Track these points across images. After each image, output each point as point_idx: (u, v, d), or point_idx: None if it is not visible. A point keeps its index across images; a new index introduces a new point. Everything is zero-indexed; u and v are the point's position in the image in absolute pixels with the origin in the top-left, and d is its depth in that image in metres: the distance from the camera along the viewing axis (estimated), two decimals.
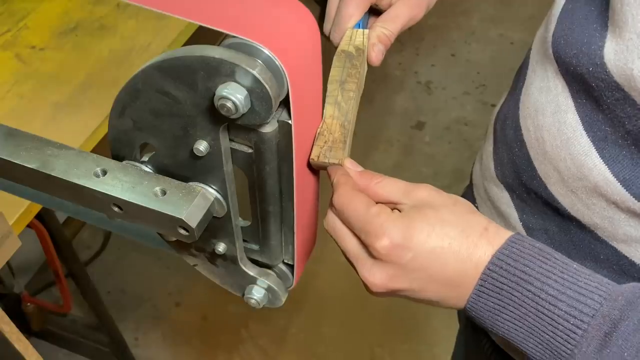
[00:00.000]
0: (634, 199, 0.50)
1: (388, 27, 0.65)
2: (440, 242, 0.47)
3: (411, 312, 1.90)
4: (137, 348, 1.83)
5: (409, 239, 0.47)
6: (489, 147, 0.68)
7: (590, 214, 0.55)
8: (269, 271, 0.61)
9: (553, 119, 0.55)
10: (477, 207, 0.71)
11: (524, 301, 0.46)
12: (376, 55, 0.64)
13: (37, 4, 1.27)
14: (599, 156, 0.52)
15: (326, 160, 0.53)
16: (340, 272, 1.97)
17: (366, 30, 0.63)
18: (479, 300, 0.48)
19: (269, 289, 0.60)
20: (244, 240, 0.59)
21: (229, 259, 0.60)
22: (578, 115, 0.53)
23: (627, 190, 0.51)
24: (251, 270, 0.60)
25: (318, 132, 0.54)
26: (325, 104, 0.56)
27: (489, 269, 0.47)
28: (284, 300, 0.61)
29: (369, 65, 0.66)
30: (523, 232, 0.62)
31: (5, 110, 1.07)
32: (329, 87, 0.57)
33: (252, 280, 0.60)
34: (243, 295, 0.61)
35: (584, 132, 0.52)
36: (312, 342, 1.87)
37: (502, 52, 2.64)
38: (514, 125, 0.61)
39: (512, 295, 0.46)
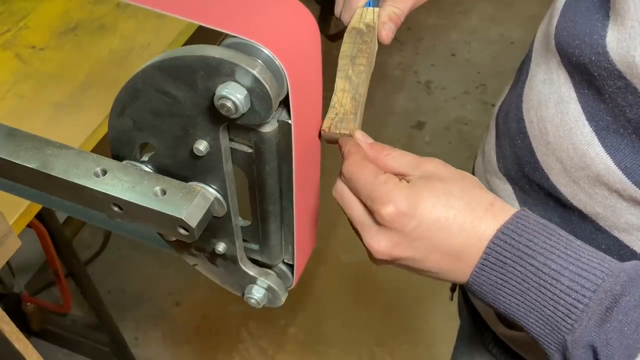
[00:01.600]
0: (635, 187, 0.51)
1: (398, 5, 0.66)
2: (445, 212, 0.48)
3: (411, 312, 1.90)
4: (137, 348, 1.83)
5: (414, 207, 0.48)
6: (491, 140, 0.69)
7: (592, 204, 0.55)
8: (269, 271, 0.61)
9: (556, 109, 0.56)
10: None
11: (526, 275, 0.46)
12: (387, 34, 0.65)
13: (37, 4, 1.27)
14: (601, 145, 0.52)
15: (337, 131, 0.54)
16: (340, 272, 1.97)
17: (376, 9, 0.64)
18: (482, 274, 0.48)
19: (269, 289, 0.60)
20: (244, 240, 0.59)
21: (229, 259, 0.60)
22: (580, 106, 0.54)
23: (628, 179, 0.51)
24: (251, 270, 0.60)
25: (330, 105, 0.55)
26: (337, 78, 0.57)
27: (493, 242, 0.47)
28: (284, 300, 0.61)
29: (378, 46, 0.67)
30: None
31: (5, 110, 1.07)
32: (340, 62, 0.59)
33: (252, 280, 0.60)
34: (243, 295, 0.61)
35: (586, 122, 0.53)
36: (312, 342, 1.87)
37: (502, 51, 2.64)
38: (516, 118, 0.62)
39: (515, 269, 0.47)
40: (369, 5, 0.65)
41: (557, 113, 0.56)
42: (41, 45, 1.19)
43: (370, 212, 0.50)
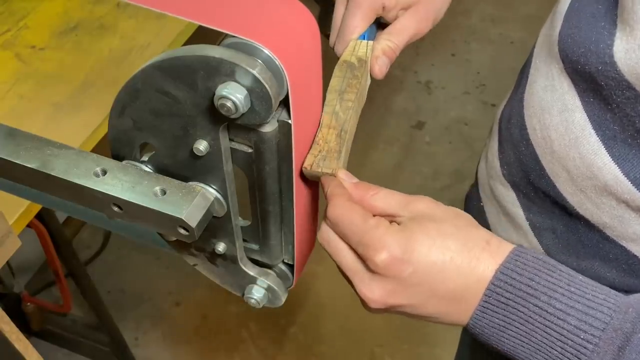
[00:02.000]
0: None
1: (393, 39, 0.64)
2: (441, 255, 0.46)
3: None
4: (137, 348, 1.83)
5: (409, 252, 0.46)
6: (494, 146, 0.68)
7: (599, 213, 0.54)
8: (269, 271, 0.61)
9: (560, 118, 0.55)
10: (482, 206, 0.70)
11: (530, 316, 0.45)
12: (379, 68, 0.63)
13: (37, 4, 1.27)
14: (608, 155, 0.51)
15: (319, 170, 0.52)
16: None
17: (370, 42, 0.62)
18: (484, 316, 0.47)
19: (268, 289, 0.60)
20: (244, 240, 0.59)
21: (229, 259, 0.60)
22: (586, 114, 0.52)
23: (637, 189, 0.50)
24: (251, 270, 0.60)
25: (313, 141, 0.53)
26: (323, 113, 0.55)
27: (493, 283, 0.46)
28: (283, 300, 0.61)
29: (371, 78, 0.65)
30: (530, 231, 0.62)
31: (5, 109, 1.07)
32: (328, 96, 0.56)
33: (252, 280, 0.60)
34: (243, 295, 0.61)
35: (592, 131, 0.52)
36: (312, 342, 1.87)
37: (502, 51, 2.64)
38: (519, 124, 0.61)
39: (518, 310, 0.45)
40: (363, 38, 0.63)
41: (562, 121, 0.54)
42: (41, 45, 1.19)
43: (362, 258, 0.48)
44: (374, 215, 0.49)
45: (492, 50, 2.65)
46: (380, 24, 0.66)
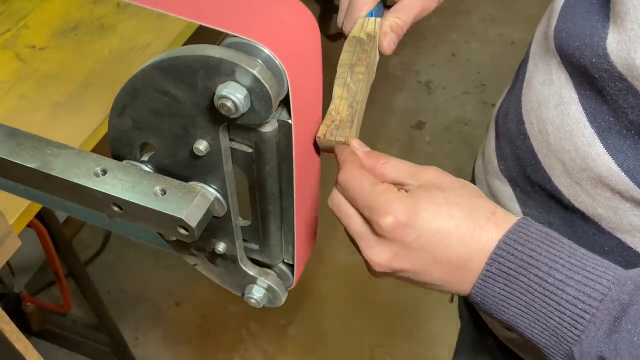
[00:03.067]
0: (638, 188, 0.51)
1: (401, 16, 0.65)
2: (445, 223, 0.47)
3: (411, 312, 1.90)
4: (137, 347, 1.83)
5: (414, 217, 0.47)
6: (491, 142, 0.68)
7: (594, 205, 0.55)
8: (269, 271, 0.61)
9: (556, 111, 0.55)
10: None
11: (530, 286, 0.46)
12: (388, 44, 0.64)
13: (37, 4, 1.27)
14: (603, 146, 0.52)
15: (332, 139, 0.53)
16: (340, 272, 1.97)
17: (378, 19, 0.63)
18: (485, 285, 0.47)
19: (269, 289, 0.60)
20: (244, 240, 0.59)
21: (229, 259, 0.60)
22: (582, 107, 0.53)
23: (631, 180, 0.51)
24: (251, 270, 0.60)
25: (327, 112, 0.54)
26: (335, 85, 0.56)
27: (495, 253, 0.46)
28: (284, 299, 0.61)
29: (380, 55, 0.66)
30: None
31: (5, 109, 1.07)
32: (339, 69, 0.58)
33: (252, 280, 0.60)
34: (243, 294, 0.61)
35: (587, 123, 0.53)
36: (312, 342, 1.87)
37: (502, 51, 2.64)
38: (516, 119, 0.62)
39: (519, 280, 0.46)
40: (371, 15, 0.65)
41: (558, 114, 0.55)
42: (41, 45, 1.19)
43: (369, 222, 0.49)
44: (383, 182, 0.50)
45: (493, 50, 2.65)
46: (387, 6, 0.68)
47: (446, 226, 0.47)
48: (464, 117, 2.43)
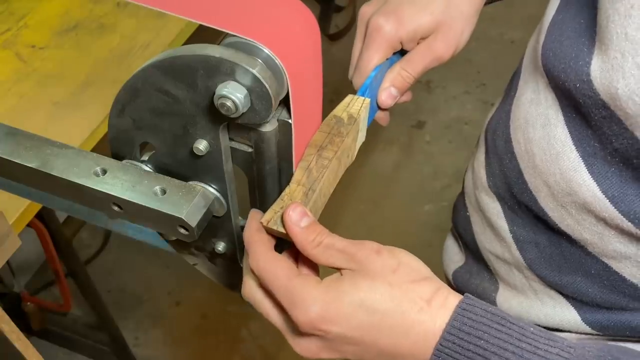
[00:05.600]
0: (622, 216, 0.49)
1: (407, 68, 0.64)
2: (369, 316, 0.44)
3: None
4: (137, 347, 1.83)
5: (334, 312, 0.44)
6: (480, 157, 0.67)
7: (580, 229, 0.54)
8: None
9: (543, 132, 0.54)
10: (469, 216, 0.69)
11: None
12: (384, 99, 0.63)
13: (37, 3, 1.27)
14: (588, 172, 0.50)
15: (275, 228, 0.49)
16: None
17: (367, 99, 0.59)
18: None
19: None
20: None
21: (229, 258, 0.60)
22: (567, 130, 0.52)
23: (615, 208, 0.49)
24: None
25: (279, 195, 0.51)
26: (297, 167, 0.52)
27: (441, 344, 0.44)
28: None
29: (379, 107, 0.65)
30: (513, 244, 0.61)
31: (5, 109, 1.07)
32: (306, 150, 0.53)
33: None
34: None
35: (573, 147, 0.51)
36: None
37: (503, 51, 2.64)
38: (504, 136, 0.60)
39: None
40: (362, 93, 0.61)
41: (544, 136, 0.54)
42: (41, 44, 1.19)
43: (287, 315, 0.47)
44: (300, 272, 0.47)
45: (493, 50, 2.65)
46: (403, 52, 0.67)
47: (370, 319, 0.44)
48: (464, 116, 2.43)
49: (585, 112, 0.49)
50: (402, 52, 0.66)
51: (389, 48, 0.64)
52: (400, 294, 0.44)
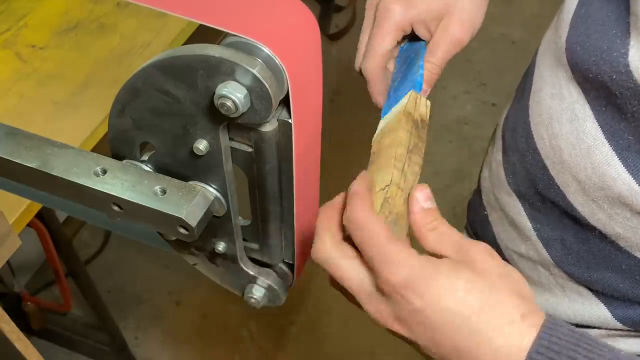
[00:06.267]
0: None
1: (429, 58, 0.63)
2: (457, 307, 0.41)
3: None
4: (137, 347, 1.83)
5: (424, 287, 0.41)
6: (498, 156, 0.66)
7: (612, 224, 0.53)
8: (269, 270, 0.61)
9: (570, 127, 0.53)
10: (486, 215, 0.69)
11: None
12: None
13: (37, 3, 1.27)
14: (622, 165, 0.50)
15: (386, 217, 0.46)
16: None
17: (429, 102, 0.57)
18: None
19: (269, 288, 0.60)
20: (244, 240, 0.59)
21: (229, 258, 0.60)
22: (598, 124, 0.51)
23: None
24: (251, 270, 0.60)
25: (384, 196, 0.47)
26: (393, 167, 0.48)
27: (531, 357, 0.40)
28: (284, 299, 0.61)
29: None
30: (538, 242, 0.60)
31: (5, 109, 1.07)
32: (398, 149, 0.50)
33: (252, 279, 0.60)
34: (243, 294, 0.61)
35: (605, 141, 0.51)
36: (312, 342, 1.86)
37: (503, 51, 2.64)
38: (525, 133, 0.60)
39: None
40: (419, 89, 0.59)
41: (572, 130, 0.53)
42: (41, 44, 1.19)
43: (373, 274, 0.43)
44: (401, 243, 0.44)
45: (493, 50, 2.65)
46: (414, 39, 0.66)
47: (458, 309, 0.41)
48: (464, 116, 2.43)
49: (621, 104, 0.48)
50: (412, 38, 0.65)
51: (399, 30, 0.63)
52: (498, 299, 0.41)
